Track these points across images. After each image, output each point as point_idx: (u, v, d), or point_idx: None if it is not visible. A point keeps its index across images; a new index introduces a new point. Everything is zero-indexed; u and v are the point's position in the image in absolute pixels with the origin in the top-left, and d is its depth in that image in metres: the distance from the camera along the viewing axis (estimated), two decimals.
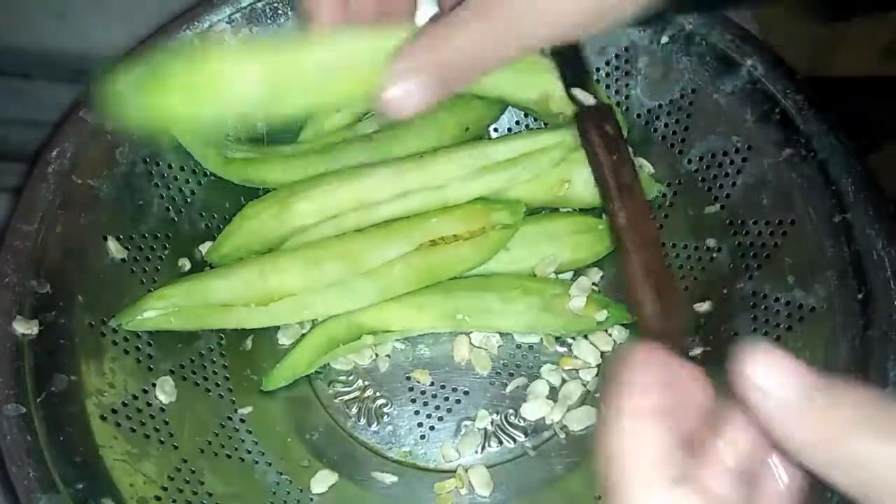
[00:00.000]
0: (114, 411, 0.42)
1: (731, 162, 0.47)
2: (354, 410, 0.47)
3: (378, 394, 0.47)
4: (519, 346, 0.49)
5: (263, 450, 0.45)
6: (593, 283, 0.49)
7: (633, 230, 0.38)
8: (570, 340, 0.48)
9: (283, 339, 0.48)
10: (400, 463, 0.45)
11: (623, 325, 0.48)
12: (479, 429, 0.46)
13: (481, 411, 0.46)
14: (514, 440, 0.46)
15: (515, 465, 0.45)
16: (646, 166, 0.50)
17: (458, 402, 0.47)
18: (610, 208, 0.39)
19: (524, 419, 0.46)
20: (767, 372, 0.21)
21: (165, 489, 0.41)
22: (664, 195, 0.50)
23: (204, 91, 0.25)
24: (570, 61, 0.44)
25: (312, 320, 0.47)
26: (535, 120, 0.54)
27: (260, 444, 0.45)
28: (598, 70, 0.51)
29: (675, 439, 0.23)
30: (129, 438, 0.41)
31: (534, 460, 0.45)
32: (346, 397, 0.47)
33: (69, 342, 0.42)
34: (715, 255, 0.48)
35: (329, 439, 0.46)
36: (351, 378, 0.48)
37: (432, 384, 0.47)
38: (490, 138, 0.54)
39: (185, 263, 0.48)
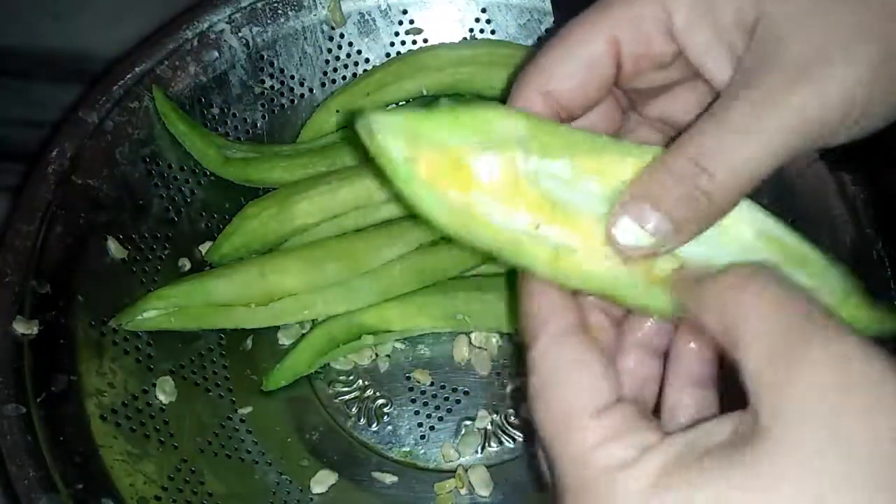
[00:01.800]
0: (114, 411, 0.42)
1: None
2: (354, 410, 0.47)
3: (378, 394, 0.47)
4: (519, 346, 0.49)
5: (263, 450, 0.45)
6: None
7: None
8: None
9: (283, 339, 0.48)
10: (400, 463, 0.45)
11: None
12: (479, 429, 0.46)
13: (481, 411, 0.46)
14: (514, 440, 0.46)
15: (515, 465, 0.45)
16: None
17: (458, 402, 0.47)
18: None
19: (524, 419, 0.46)
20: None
21: (165, 489, 0.41)
22: None
23: (471, 126, 0.24)
24: None
25: (312, 320, 0.47)
26: None
27: (260, 444, 0.45)
28: None
29: (591, 355, 0.23)
30: (129, 438, 0.41)
31: (534, 460, 0.45)
32: (346, 397, 0.47)
33: (69, 342, 0.42)
34: None
35: (329, 439, 0.46)
36: (351, 378, 0.48)
37: (432, 384, 0.47)
38: None
39: (185, 263, 0.48)
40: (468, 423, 0.46)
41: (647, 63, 0.27)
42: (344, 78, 0.54)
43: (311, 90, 0.53)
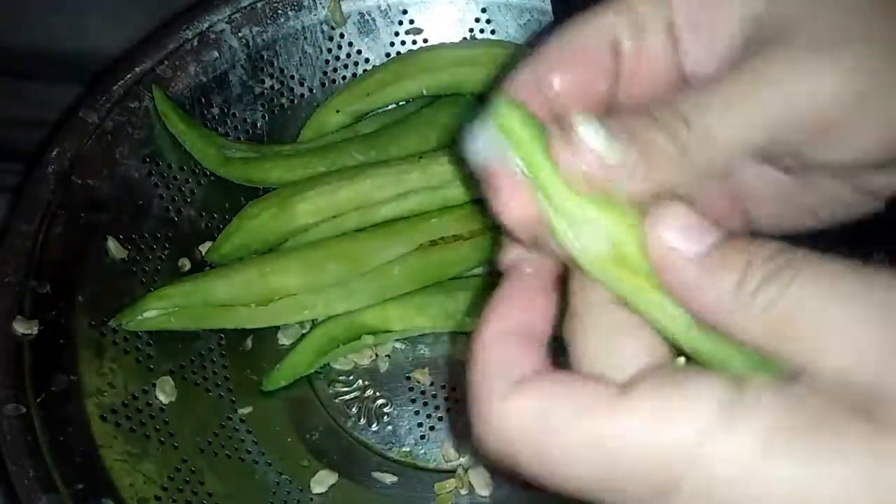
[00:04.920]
0: (114, 411, 0.42)
1: None
2: (354, 410, 0.47)
3: (378, 394, 0.47)
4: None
5: (263, 450, 0.45)
6: None
7: None
8: None
9: (283, 339, 0.48)
10: (400, 463, 0.45)
11: None
12: None
13: None
14: None
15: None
16: None
17: (458, 401, 0.47)
18: None
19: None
20: (675, 227, 0.20)
21: (165, 489, 0.41)
22: None
23: None
24: None
25: (312, 320, 0.47)
26: None
27: (260, 444, 0.45)
28: None
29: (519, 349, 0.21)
30: (129, 438, 0.41)
31: None
32: (346, 397, 0.47)
33: (69, 342, 0.42)
34: None
35: (329, 439, 0.46)
36: (351, 378, 0.48)
37: (432, 384, 0.47)
38: None
39: (185, 263, 0.48)
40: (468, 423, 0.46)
41: (647, 67, 0.25)
42: (344, 78, 0.54)
43: (311, 90, 0.53)
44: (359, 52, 0.53)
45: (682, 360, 0.21)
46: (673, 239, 0.19)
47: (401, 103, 0.53)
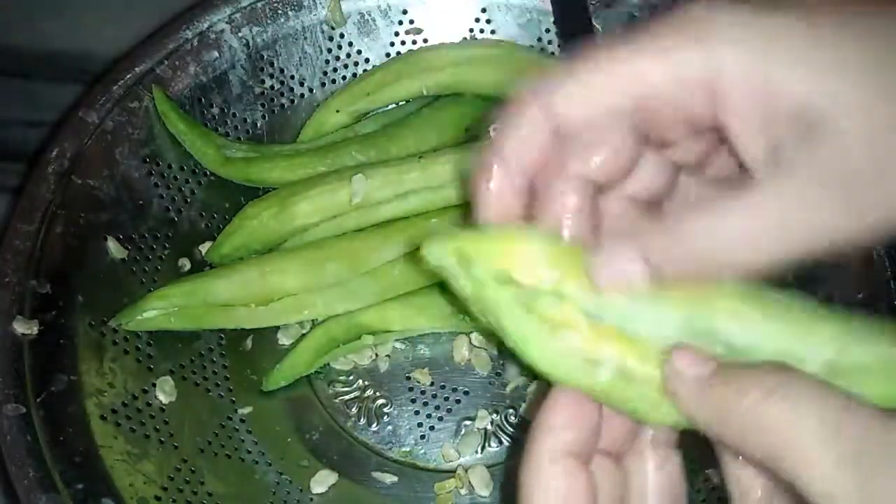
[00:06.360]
0: (114, 411, 0.42)
1: None
2: (354, 410, 0.47)
3: (378, 394, 0.47)
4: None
5: (263, 450, 0.45)
6: None
7: None
8: None
9: (283, 339, 0.48)
10: (400, 463, 0.45)
11: None
12: (479, 429, 0.46)
13: (481, 411, 0.46)
14: (514, 440, 0.46)
15: (515, 465, 0.45)
16: None
17: (458, 402, 0.47)
18: None
19: (524, 419, 0.46)
20: (686, 359, 0.23)
21: (165, 489, 0.41)
22: None
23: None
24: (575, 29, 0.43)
25: (312, 320, 0.47)
26: None
27: (260, 444, 0.45)
28: None
29: (580, 482, 0.24)
30: (129, 438, 0.41)
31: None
32: (346, 397, 0.47)
33: (69, 342, 0.42)
34: None
35: (329, 439, 0.46)
36: (351, 378, 0.48)
37: (432, 384, 0.47)
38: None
39: (185, 263, 0.48)
40: (468, 423, 0.46)
41: (678, 121, 0.24)
42: (344, 78, 0.54)
43: (311, 90, 0.53)
44: (359, 52, 0.53)
45: None
46: (685, 365, 0.23)
47: (401, 103, 0.53)
